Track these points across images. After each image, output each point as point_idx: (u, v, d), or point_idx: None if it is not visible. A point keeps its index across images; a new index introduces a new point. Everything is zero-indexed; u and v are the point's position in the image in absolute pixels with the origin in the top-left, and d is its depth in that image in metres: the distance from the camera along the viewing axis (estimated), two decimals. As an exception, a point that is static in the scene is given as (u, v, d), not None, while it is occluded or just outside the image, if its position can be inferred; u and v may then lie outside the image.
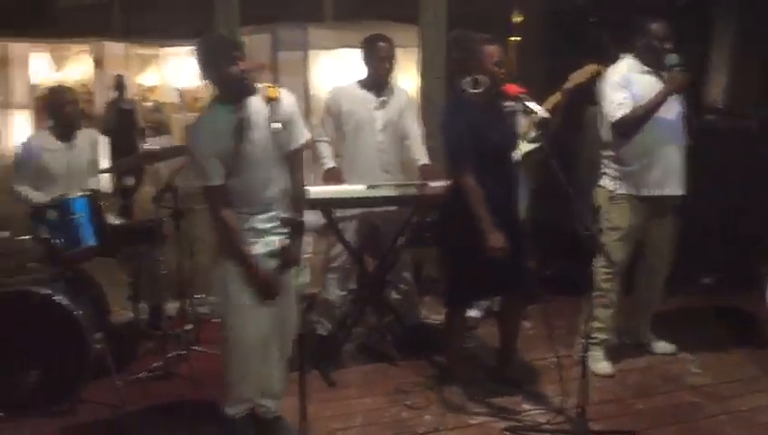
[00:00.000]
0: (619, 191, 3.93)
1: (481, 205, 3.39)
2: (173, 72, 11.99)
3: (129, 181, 4.98)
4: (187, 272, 4.33)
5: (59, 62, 14.78)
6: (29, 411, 3.54)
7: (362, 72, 4.38)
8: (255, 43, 7.03)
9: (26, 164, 4.32)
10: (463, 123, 3.47)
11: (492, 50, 3.49)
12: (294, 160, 3.15)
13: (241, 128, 3.04)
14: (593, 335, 3.94)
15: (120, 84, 8.49)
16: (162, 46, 11.41)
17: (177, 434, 3.47)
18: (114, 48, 10.36)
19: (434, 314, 4.77)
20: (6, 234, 3.85)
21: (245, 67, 3.03)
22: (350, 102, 4.33)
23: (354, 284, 4.55)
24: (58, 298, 3.59)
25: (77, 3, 17.28)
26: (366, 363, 4.18)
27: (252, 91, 3.06)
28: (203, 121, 3.10)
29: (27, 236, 3.84)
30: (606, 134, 3.96)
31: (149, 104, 11.83)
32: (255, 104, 3.06)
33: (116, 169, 4.95)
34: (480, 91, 3.46)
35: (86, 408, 3.62)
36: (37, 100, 12.96)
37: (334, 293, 4.38)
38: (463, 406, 3.62)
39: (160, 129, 10.77)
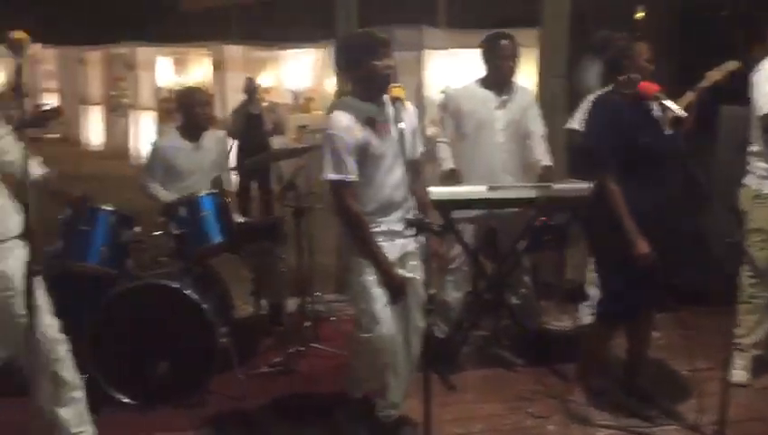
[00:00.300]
0: (766, 190, 3.69)
1: (623, 209, 3.26)
2: (288, 74, 12.33)
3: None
4: (306, 270, 4.40)
5: (181, 65, 15.50)
6: (159, 402, 3.67)
7: (477, 71, 4.31)
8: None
9: (156, 163, 4.48)
10: (608, 123, 3.36)
11: (642, 48, 3.39)
12: (416, 168, 3.15)
13: (378, 127, 3.06)
14: (735, 342, 3.70)
15: (249, 88, 8.39)
16: (279, 49, 11.71)
17: (295, 429, 3.52)
18: (233, 51, 10.70)
19: (553, 320, 4.64)
20: (139, 229, 4.00)
21: (391, 64, 3.04)
22: (471, 102, 4.26)
23: (472, 286, 4.48)
24: (188, 292, 3.72)
25: (198, 8, 18.09)
26: (484, 368, 4.11)
27: (388, 90, 3.06)
28: (342, 114, 3.06)
29: (159, 232, 3.98)
30: (755, 130, 3.73)
31: (266, 105, 12.17)
32: (389, 103, 3.08)
33: (244, 169, 5.08)
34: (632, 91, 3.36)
35: (211, 400, 3.73)
36: (161, 102, 13.67)
37: (451, 295, 4.33)
38: (588, 417, 3.49)
39: (276, 129, 11.04)
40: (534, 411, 3.57)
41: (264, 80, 12.80)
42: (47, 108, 3.66)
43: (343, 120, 3.05)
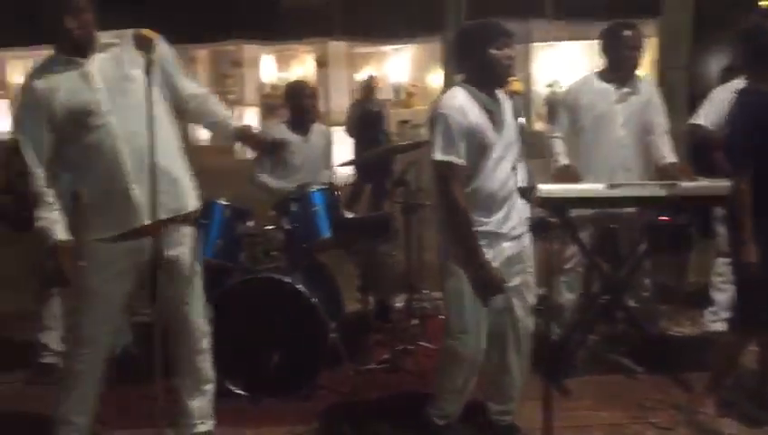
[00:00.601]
0: None
1: (745, 211, 3.08)
2: (390, 69, 12.35)
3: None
4: (414, 267, 4.34)
5: (284, 62, 15.83)
6: (269, 394, 3.70)
7: (586, 64, 4.12)
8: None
9: (265, 155, 4.53)
10: (755, 121, 3.13)
11: None
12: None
13: (493, 117, 2.97)
14: None
15: (368, 85, 8.17)
16: (382, 45, 11.74)
17: (403, 428, 3.46)
18: (336, 47, 10.80)
19: (674, 326, 4.40)
20: (252, 223, 4.06)
21: (511, 54, 2.94)
22: (589, 95, 4.09)
23: (587, 287, 4.30)
24: (299, 287, 3.73)
25: (301, 6, 18.38)
26: (601, 373, 3.94)
27: (504, 83, 2.96)
28: (459, 98, 2.97)
29: (271, 226, 4.02)
30: None
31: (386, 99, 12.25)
32: (503, 97, 2.97)
33: (358, 163, 5.07)
34: None
35: (320, 394, 3.74)
36: (264, 98, 14.01)
37: (565, 296, 4.17)
38: (718, 430, 3.27)
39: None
40: (658, 422, 3.38)
41: (365, 75, 12.91)
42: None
43: (458, 100, 2.95)
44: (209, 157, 13.77)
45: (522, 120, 2.89)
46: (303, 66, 14.44)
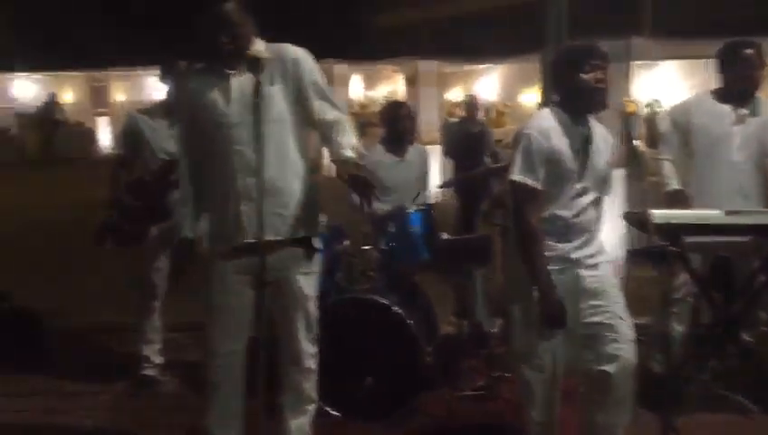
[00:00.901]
0: None
1: None
2: (480, 88, 12.24)
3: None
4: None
5: (373, 80, 15.95)
6: (364, 416, 3.66)
7: (690, 84, 3.92)
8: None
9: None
10: None
11: None
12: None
13: (579, 143, 2.88)
14: None
15: (469, 105, 7.87)
16: (472, 64, 11.65)
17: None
18: (426, 66, 10.78)
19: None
20: (348, 242, 4.04)
21: (599, 77, 2.83)
22: (703, 116, 3.89)
23: (698, 319, 4.06)
24: (395, 308, 3.67)
25: (390, 25, 18.55)
26: (713, 412, 3.70)
27: (602, 106, 2.84)
28: (544, 119, 2.92)
29: (367, 246, 3.99)
30: None
31: (455, 120, 12.18)
32: (594, 123, 2.88)
33: (455, 184, 5.00)
34: None
35: (414, 418, 3.67)
36: (352, 115, 14.13)
37: (674, 327, 3.95)
38: None
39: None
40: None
41: (454, 94, 12.84)
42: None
43: (543, 122, 2.90)
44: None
45: (636, 142, 2.75)
46: (392, 85, 14.51)
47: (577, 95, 2.87)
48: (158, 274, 4.07)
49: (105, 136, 17.77)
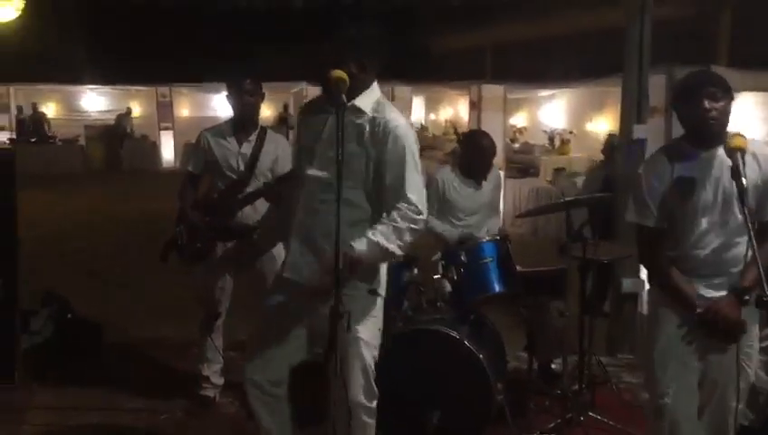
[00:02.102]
0: None
1: None
2: (544, 114, 12.04)
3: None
4: (587, 328, 4.01)
5: (434, 103, 15.88)
6: (429, 452, 3.50)
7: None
8: (651, 84, 6.59)
9: (433, 194, 4.38)
10: None
11: None
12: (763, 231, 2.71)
13: (699, 177, 2.74)
14: None
15: (609, 146, 6.58)
16: (536, 89, 11.47)
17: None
18: (490, 91, 10.63)
19: None
20: (417, 271, 3.90)
21: (712, 107, 2.65)
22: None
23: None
24: (466, 342, 3.52)
25: (454, 49, 18.48)
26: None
27: (719, 140, 2.66)
28: (658, 159, 2.85)
29: (437, 276, 3.85)
30: None
31: (517, 145, 12.00)
32: (718, 156, 2.68)
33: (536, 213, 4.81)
34: None
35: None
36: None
37: (761, 377, 3.69)
38: None
39: (528, 170, 10.80)
40: None
41: (518, 120, 12.65)
42: None
43: (657, 164, 2.83)
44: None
45: (744, 180, 2.55)
46: (453, 108, 14.40)
47: (691, 126, 2.76)
48: (222, 292, 4.00)
49: (168, 150, 18.09)
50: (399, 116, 2.77)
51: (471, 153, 4.42)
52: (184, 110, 18.58)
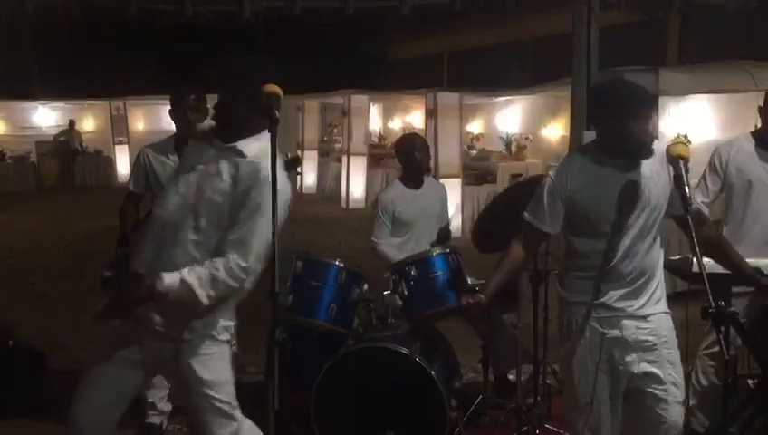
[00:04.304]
0: None
1: None
2: (500, 120, 12.07)
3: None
4: (541, 339, 3.98)
5: (391, 112, 15.84)
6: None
7: (719, 118, 3.73)
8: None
9: (384, 217, 4.37)
10: None
11: None
12: (694, 216, 2.66)
13: (614, 186, 2.71)
14: None
15: None
16: (492, 96, 11.50)
17: None
18: (446, 98, 10.62)
19: None
20: (366, 287, 3.83)
21: (647, 129, 2.64)
22: (741, 158, 3.68)
23: (734, 372, 3.81)
24: (418, 359, 3.46)
25: (410, 57, 18.53)
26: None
27: (647, 154, 2.64)
28: (569, 165, 2.83)
29: (388, 292, 3.78)
30: None
31: (474, 152, 12.01)
32: (634, 164, 2.69)
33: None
34: None
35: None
36: (371, 147, 13.99)
37: (712, 381, 3.70)
38: None
39: (486, 177, 10.80)
40: None
41: (474, 127, 12.67)
42: (289, 158, 3.62)
43: (566, 167, 2.82)
44: (317, 205, 13.91)
45: (686, 188, 2.53)
46: (411, 116, 14.39)
47: (622, 142, 2.70)
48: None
49: (124, 165, 17.76)
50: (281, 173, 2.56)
51: (404, 157, 4.44)
52: (139, 123, 18.25)
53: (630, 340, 2.74)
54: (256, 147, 2.57)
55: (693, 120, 7.93)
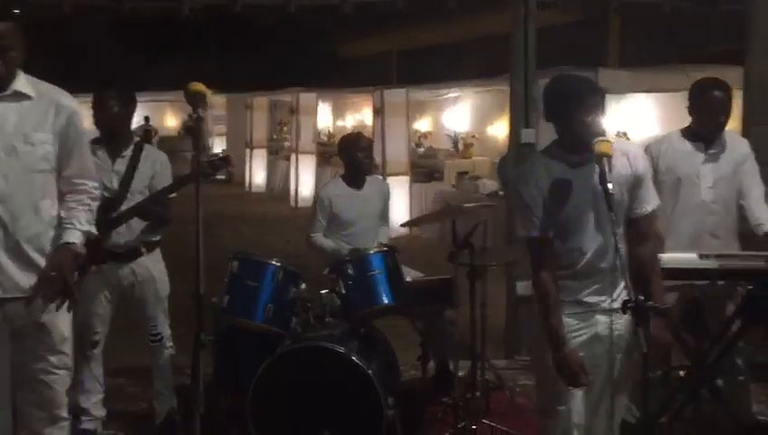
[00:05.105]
0: None
1: None
2: (447, 119, 12.14)
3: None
4: (479, 335, 4.01)
5: (340, 110, 15.80)
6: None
7: (659, 116, 3.82)
8: (542, 88, 6.74)
9: (322, 213, 4.36)
10: None
11: None
12: (642, 227, 2.73)
13: (575, 184, 2.73)
14: None
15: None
16: (439, 93, 11.55)
17: None
18: (393, 96, 10.64)
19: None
20: (305, 286, 3.81)
21: (596, 119, 2.67)
22: (671, 155, 3.76)
23: (668, 363, 3.91)
24: (354, 358, 3.45)
25: (358, 55, 18.50)
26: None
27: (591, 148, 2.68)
28: (533, 166, 2.84)
29: (325, 291, 3.77)
30: None
31: (422, 150, 12.06)
32: (591, 162, 2.70)
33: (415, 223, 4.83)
34: None
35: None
36: (320, 145, 13.95)
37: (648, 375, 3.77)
38: None
39: (433, 174, 10.86)
40: None
41: (422, 124, 12.72)
42: (220, 157, 3.59)
43: (531, 171, 2.81)
44: (266, 204, 13.80)
45: (609, 185, 2.57)
46: (360, 114, 14.37)
47: (574, 136, 2.73)
48: (98, 319, 3.78)
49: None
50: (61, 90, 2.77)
51: (346, 156, 4.43)
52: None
53: (603, 335, 2.77)
54: (24, 80, 2.66)
55: (632, 118, 8.12)
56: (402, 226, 4.49)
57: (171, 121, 19.36)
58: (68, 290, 2.60)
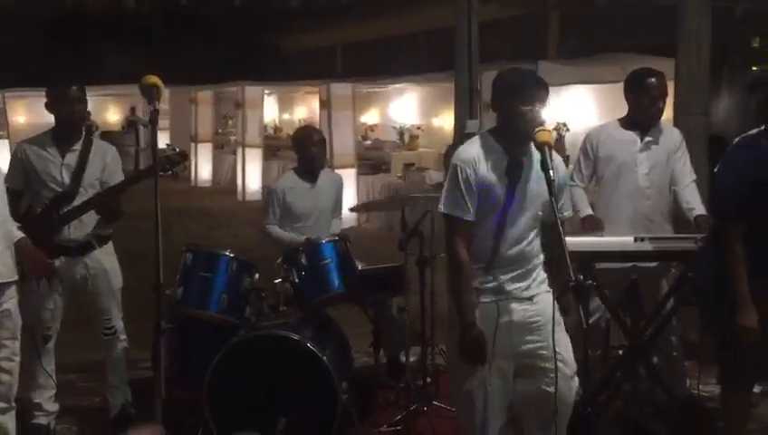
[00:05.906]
0: None
1: (738, 269, 2.94)
2: (393, 111, 12.25)
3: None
4: (428, 321, 4.14)
5: (287, 103, 15.76)
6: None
7: (596, 108, 4.00)
8: (486, 80, 6.87)
9: (275, 205, 4.41)
10: (743, 170, 3.03)
11: None
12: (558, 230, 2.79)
13: (511, 172, 2.82)
14: None
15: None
16: (385, 85, 11.65)
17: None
18: (339, 89, 10.69)
19: (702, 385, 4.16)
20: (258, 276, 3.87)
21: (535, 108, 2.79)
22: (609, 144, 3.95)
23: (608, 344, 4.10)
24: (309, 344, 3.53)
25: (304, 48, 18.46)
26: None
27: (530, 137, 2.80)
28: (473, 149, 2.87)
29: (278, 280, 3.83)
30: None
31: (368, 142, 12.15)
32: (531, 151, 2.82)
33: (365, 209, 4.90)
34: None
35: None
36: (266, 139, 13.90)
37: (588, 353, 3.95)
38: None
39: (380, 166, 10.96)
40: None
41: (369, 117, 12.81)
42: (175, 154, 3.62)
43: (470, 152, 2.85)
44: (212, 198, 13.69)
45: (551, 173, 2.70)
46: (306, 107, 14.37)
47: (512, 124, 2.82)
48: (51, 314, 3.77)
49: (4, 160, 16.84)
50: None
51: (300, 150, 4.47)
52: (20, 117, 17.33)
53: (520, 321, 2.85)
54: None
55: (571, 109, 8.37)
56: (351, 210, 4.55)
57: (113, 116, 18.98)
58: None
